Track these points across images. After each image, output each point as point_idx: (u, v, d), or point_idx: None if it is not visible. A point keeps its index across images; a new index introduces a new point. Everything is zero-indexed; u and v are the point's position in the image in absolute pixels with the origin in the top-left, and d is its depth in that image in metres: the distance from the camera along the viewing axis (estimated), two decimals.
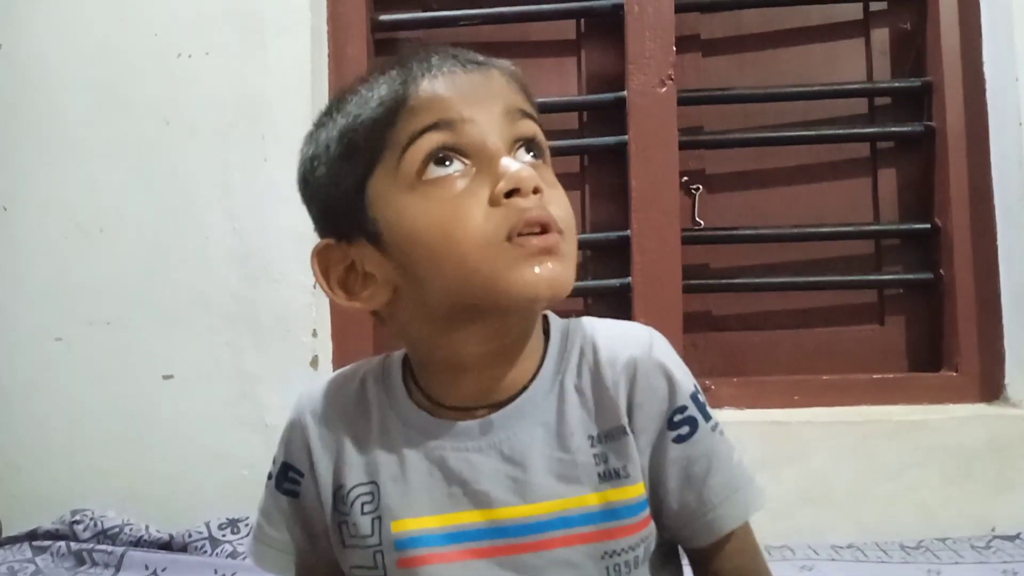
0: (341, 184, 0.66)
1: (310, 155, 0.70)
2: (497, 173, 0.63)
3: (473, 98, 0.65)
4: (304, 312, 1.52)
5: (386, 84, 0.65)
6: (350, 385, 0.77)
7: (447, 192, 0.63)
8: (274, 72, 1.55)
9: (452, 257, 0.62)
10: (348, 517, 0.72)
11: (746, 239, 1.65)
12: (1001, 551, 1.32)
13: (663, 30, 1.57)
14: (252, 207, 1.54)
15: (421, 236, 0.63)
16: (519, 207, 0.62)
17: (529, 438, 0.69)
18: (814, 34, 1.69)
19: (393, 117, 0.64)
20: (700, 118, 1.68)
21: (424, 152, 0.63)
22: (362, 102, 0.66)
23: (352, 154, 0.66)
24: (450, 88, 0.64)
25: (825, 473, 1.44)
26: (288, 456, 0.76)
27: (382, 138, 0.64)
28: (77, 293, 1.56)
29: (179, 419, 1.52)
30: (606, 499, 0.68)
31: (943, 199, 1.58)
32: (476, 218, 0.62)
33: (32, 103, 1.60)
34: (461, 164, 0.64)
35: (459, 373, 0.70)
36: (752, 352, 1.65)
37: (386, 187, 0.64)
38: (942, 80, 1.58)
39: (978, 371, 1.54)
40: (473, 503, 0.69)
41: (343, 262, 0.69)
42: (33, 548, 1.39)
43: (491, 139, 0.64)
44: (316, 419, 0.75)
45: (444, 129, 0.63)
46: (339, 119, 0.67)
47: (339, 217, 0.68)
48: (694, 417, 0.71)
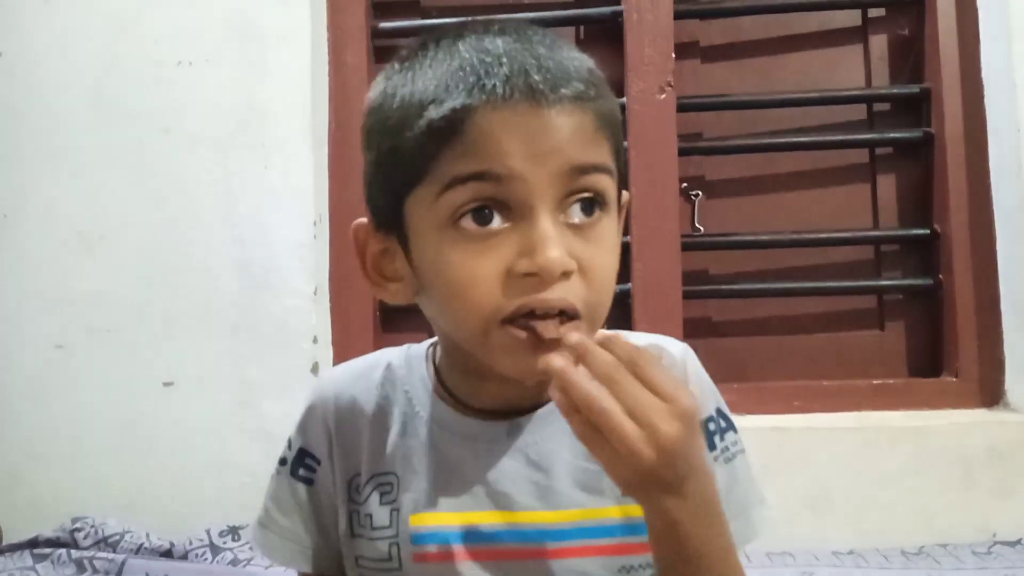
0: (384, 182, 0.64)
1: (375, 108, 0.65)
2: (529, 241, 0.58)
3: (532, 151, 0.58)
4: (304, 319, 1.52)
5: (447, 91, 0.58)
6: (373, 373, 0.75)
7: (475, 247, 0.59)
8: (274, 80, 1.55)
9: (456, 316, 0.62)
10: (361, 507, 0.71)
11: (746, 245, 1.65)
12: (1002, 557, 1.32)
13: (662, 37, 1.58)
14: (252, 215, 1.54)
15: (438, 282, 0.61)
16: (535, 290, 0.58)
17: (556, 445, 0.69)
18: (813, 41, 1.69)
19: (440, 146, 0.58)
20: (699, 124, 1.68)
21: (463, 200, 0.59)
22: (421, 97, 0.60)
23: (396, 162, 0.62)
24: (509, 132, 0.57)
25: (826, 479, 1.44)
26: (306, 442, 0.75)
27: (425, 164, 0.59)
28: (78, 301, 1.56)
29: (180, 426, 1.52)
30: (627, 513, 0.67)
31: (942, 205, 1.58)
32: (490, 287, 0.59)
33: (33, 111, 1.60)
34: (499, 220, 0.59)
35: (482, 380, 0.69)
36: (752, 358, 1.65)
37: (420, 214, 0.61)
38: (940, 86, 1.58)
39: (978, 377, 1.54)
40: (494, 504, 0.68)
41: (379, 245, 0.67)
42: (34, 556, 1.39)
43: (538, 202, 0.59)
44: (338, 405, 0.74)
45: (490, 181, 0.58)
46: (403, 93, 0.61)
47: (379, 207, 0.66)
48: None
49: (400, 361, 0.75)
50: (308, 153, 1.54)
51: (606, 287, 0.63)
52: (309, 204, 1.54)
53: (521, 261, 0.58)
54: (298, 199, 1.53)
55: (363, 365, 0.77)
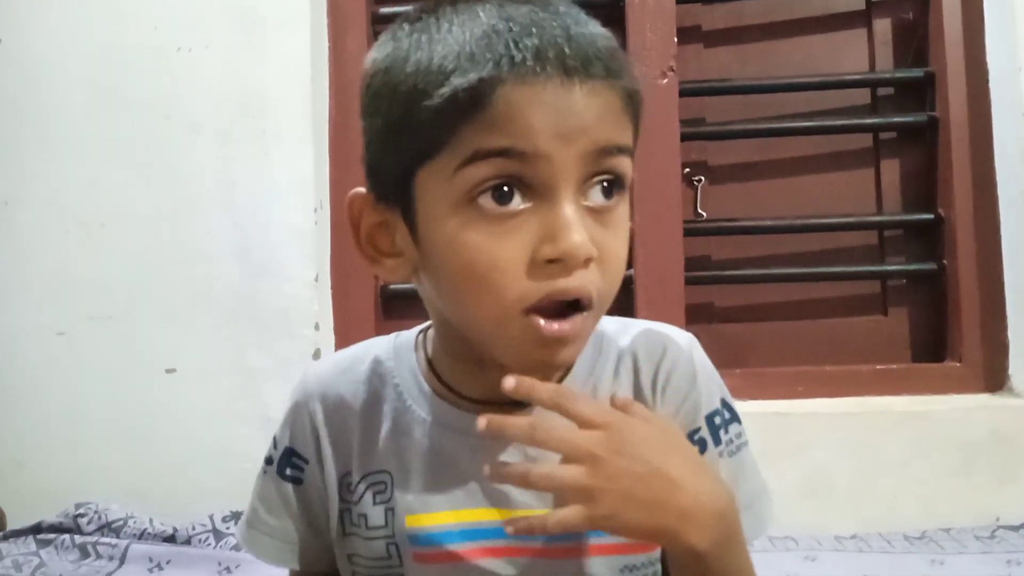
0: (393, 152, 0.59)
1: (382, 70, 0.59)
2: (552, 225, 0.55)
3: (559, 129, 0.54)
4: (306, 306, 1.52)
5: (471, 60, 0.54)
6: (359, 367, 0.72)
7: (495, 229, 0.55)
8: (274, 66, 1.55)
9: (470, 302, 0.58)
10: (355, 506, 0.69)
11: (748, 230, 1.65)
12: (1005, 541, 1.32)
13: (664, 21, 1.57)
14: (253, 201, 1.53)
15: (451, 264, 0.57)
16: (557, 276, 0.56)
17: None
18: (816, 24, 1.68)
19: (462, 117, 0.54)
20: (702, 109, 1.67)
21: (484, 176, 0.55)
22: (441, 61, 0.55)
23: (409, 131, 0.57)
24: (537, 108, 0.54)
25: (828, 464, 1.44)
26: (293, 441, 0.72)
27: (443, 135, 0.55)
28: (79, 288, 1.56)
29: (181, 413, 1.53)
30: None
31: (946, 189, 1.58)
32: (510, 273, 0.56)
33: (32, 98, 1.60)
34: (520, 200, 0.56)
35: (480, 367, 0.64)
36: (755, 343, 1.65)
37: (433, 189, 0.57)
38: (945, 70, 1.57)
39: (981, 362, 1.54)
40: (491, 502, 0.66)
41: (377, 217, 0.62)
42: (37, 541, 1.40)
43: (562, 183, 0.55)
44: (325, 402, 0.71)
45: (514, 158, 0.54)
46: (421, 57, 0.56)
47: (383, 178, 0.61)
48: (704, 440, 0.69)
49: (388, 352, 0.72)
50: (308, 139, 1.54)
51: (619, 275, 0.61)
52: (310, 191, 1.53)
53: (545, 247, 0.55)
54: (299, 186, 1.53)
55: (348, 359, 0.73)
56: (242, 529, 0.76)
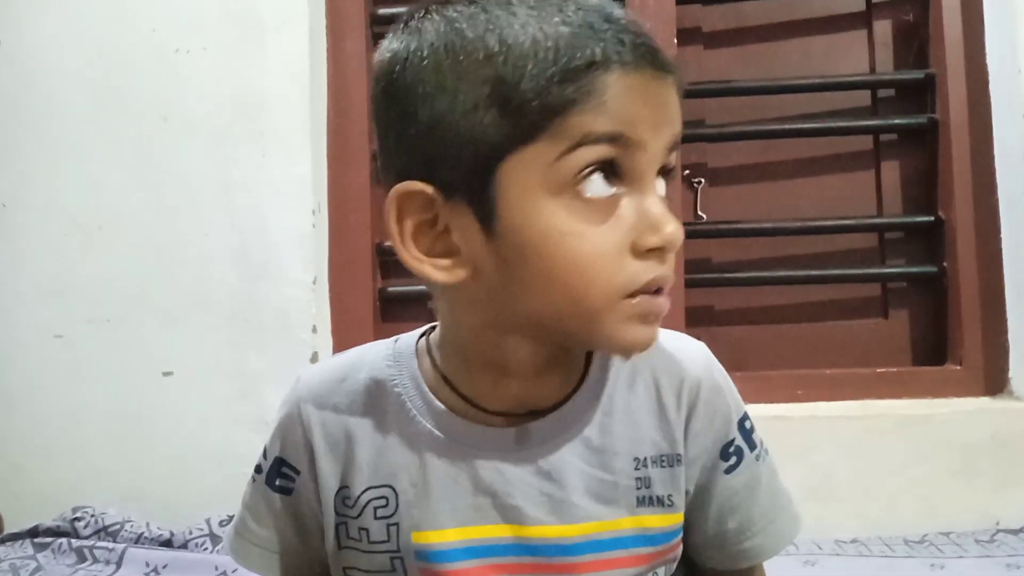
0: (474, 136, 0.54)
1: (418, 51, 0.56)
2: (651, 214, 0.56)
3: (655, 120, 0.56)
4: (304, 309, 1.52)
5: (568, 48, 0.53)
6: (357, 375, 0.68)
7: (596, 217, 0.55)
8: (273, 67, 1.55)
9: (571, 290, 0.55)
10: (354, 520, 0.66)
11: (749, 233, 1.64)
12: (1005, 545, 1.31)
13: (664, 22, 1.57)
14: (251, 203, 1.53)
15: (549, 253, 0.55)
16: (655, 268, 0.56)
17: (568, 453, 0.64)
18: (816, 26, 1.68)
19: (572, 101, 0.53)
20: (702, 111, 1.67)
21: (591, 161, 0.54)
22: (531, 48, 0.53)
23: (505, 111, 0.53)
24: (641, 97, 0.54)
25: (829, 468, 1.43)
26: (283, 451, 0.69)
27: (547, 119, 0.53)
28: (77, 291, 1.56)
29: (179, 416, 1.52)
30: (641, 524, 0.65)
31: (947, 192, 1.57)
32: (614, 262, 0.55)
33: (31, 101, 1.59)
34: (617, 189, 0.55)
35: (502, 376, 0.64)
36: (755, 346, 1.64)
37: (527, 175, 0.54)
38: (945, 72, 1.56)
39: (982, 365, 1.53)
40: (502, 517, 0.64)
41: (424, 214, 0.58)
42: (35, 545, 1.39)
43: (650, 172, 0.56)
44: (320, 414, 0.67)
45: (618, 145, 0.54)
46: (489, 41, 0.54)
47: (450, 165, 0.56)
48: (741, 448, 0.69)
49: (387, 360, 0.68)
50: (307, 141, 1.54)
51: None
52: (308, 192, 1.53)
53: (647, 236, 0.55)
54: (297, 187, 1.53)
55: (344, 367, 0.70)
56: (229, 537, 0.74)
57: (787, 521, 0.73)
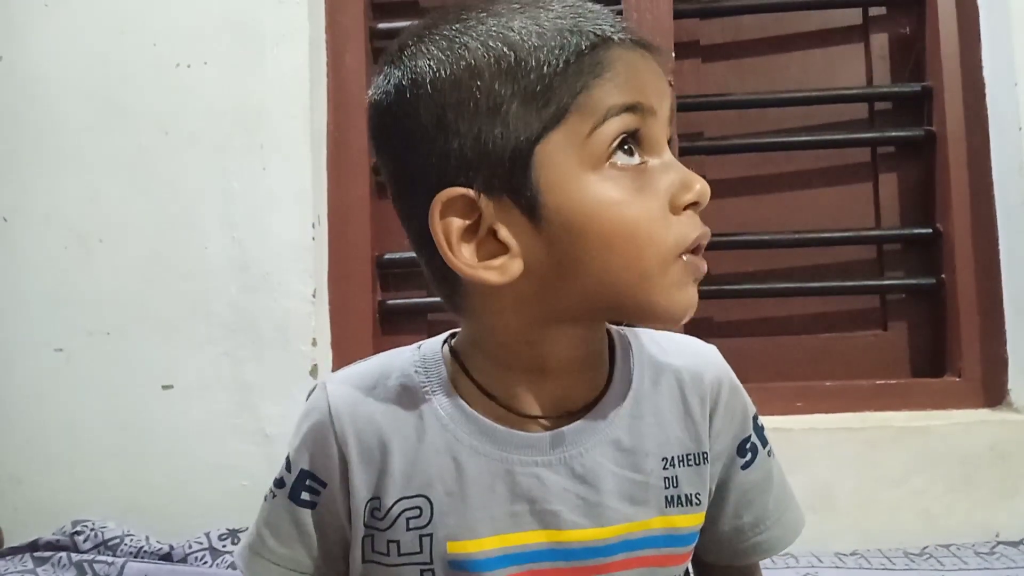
0: (505, 131, 0.56)
1: (433, 69, 0.58)
2: (679, 174, 0.59)
3: (658, 89, 0.59)
4: (303, 321, 1.52)
5: (571, 33, 0.57)
6: (387, 383, 0.67)
7: (634, 184, 0.57)
8: (273, 81, 1.55)
9: (627, 256, 0.57)
10: (382, 533, 0.64)
11: (747, 245, 1.65)
12: (1005, 557, 1.31)
13: (662, 36, 1.57)
14: (251, 216, 1.53)
15: (601, 225, 0.56)
16: (697, 224, 0.60)
17: (601, 456, 0.64)
18: (813, 39, 1.69)
19: (591, 76, 0.56)
20: (700, 124, 1.67)
21: (618, 132, 0.56)
22: (539, 40, 0.56)
23: (530, 101, 0.56)
24: (644, 68, 0.58)
25: (828, 480, 1.43)
26: (312, 464, 0.66)
27: (572, 98, 0.56)
28: (77, 304, 1.56)
29: (179, 429, 1.52)
30: (671, 524, 0.66)
31: (944, 203, 1.57)
32: (661, 222, 0.58)
33: (32, 114, 1.60)
34: (642, 157, 0.58)
35: (538, 376, 0.64)
36: (754, 358, 1.64)
37: (563, 156, 0.56)
38: (942, 85, 1.57)
39: (981, 376, 1.53)
40: (539, 523, 0.64)
41: (468, 217, 0.58)
42: (34, 559, 1.38)
43: (663, 137, 0.60)
44: (355, 423, 0.65)
45: (638, 114, 0.57)
46: (496, 45, 0.57)
47: (487, 166, 0.57)
48: (756, 444, 0.72)
49: (415, 367, 0.67)
50: (307, 154, 1.54)
51: None
52: (308, 205, 1.53)
53: (682, 194, 0.58)
54: (297, 200, 1.53)
55: (373, 374, 0.68)
56: (243, 555, 0.70)
57: (795, 513, 0.75)
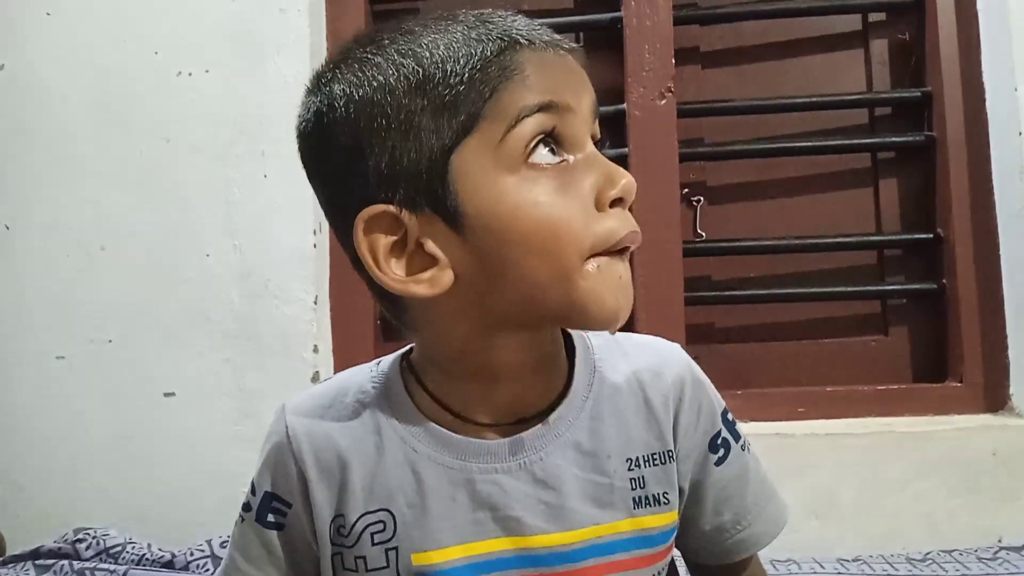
0: (419, 144, 0.56)
1: (347, 93, 0.58)
2: (603, 169, 0.59)
3: (573, 86, 0.59)
4: (305, 328, 1.52)
5: (478, 42, 0.57)
6: (344, 399, 0.68)
7: (554, 183, 0.57)
8: (273, 89, 1.55)
9: (553, 257, 0.56)
10: (349, 550, 0.65)
11: (748, 251, 1.65)
12: (1008, 562, 1.31)
13: (662, 42, 1.57)
14: (252, 224, 1.54)
15: (522, 227, 0.56)
16: (626, 221, 0.59)
17: (562, 459, 0.64)
18: (813, 45, 1.69)
19: (498, 84, 0.56)
20: (700, 130, 1.68)
21: (534, 133, 0.56)
22: (446, 52, 0.57)
23: (440, 112, 0.56)
24: (556, 67, 0.59)
25: (830, 485, 1.43)
26: (274, 486, 0.67)
27: (482, 105, 0.56)
28: (79, 312, 1.56)
29: (181, 437, 1.52)
30: (640, 525, 0.66)
31: (945, 209, 1.58)
32: (585, 218, 0.57)
33: (34, 123, 1.60)
34: (563, 156, 0.58)
35: (490, 383, 0.64)
36: (755, 364, 1.64)
37: (480, 162, 0.56)
38: (942, 90, 1.57)
39: (982, 381, 1.53)
40: (503, 530, 0.64)
41: (394, 234, 0.58)
42: (36, 567, 1.38)
43: (585, 135, 0.60)
44: (312, 442, 0.66)
45: (553, 113, 0.57)
46: (406, 62, 0.57)
47: (405, 181, 0.57)
48: (727, 439, 0.71)
49: (372, 383, 0.68)
50: None
51: None
52: (309, 213, 1.53)
53: (607, 190, 0.58)
54: (297, 208, 1.53)
55: (329, 393, 0.69)
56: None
57: (777, 507, 0.74)
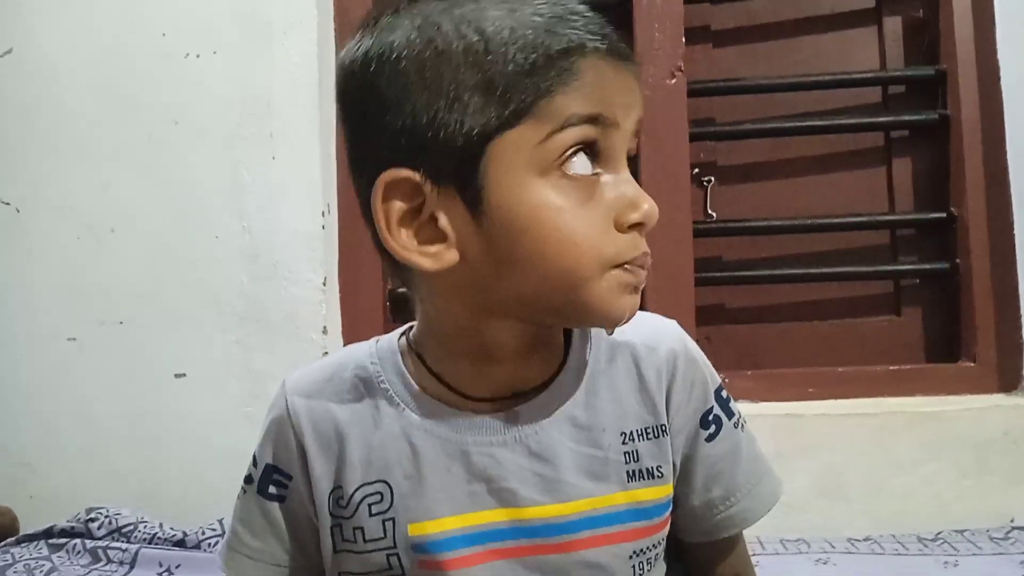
0: (461, 119, 0.56)
1: (403, 45, 0.57)
2: (630, 192, 0.59)
3: (625, 102, 0.59)
4: (314, 309, 1.52)
5: (547, 34, 0.56)
6: (343, 374, 0.69)
7: (581, 195, 0.57)
8: (281, 70, 1.55)
9: (564, 263, 0.57)
10: (348, 521, 0.66)
11: (759, 231, 1.64)
12: (1020, 542, 1.30)
13: (672, 21, 1.56)
14: (261, 205, 1.53)
15: (539, 229, 0.56)
16: (638, 245, 0.60)
17: (557, 433, 0.65)
18: (826, 23, 1.67)
19: (556, 83, 0.55)
20: (711, 110, 1.66)
21: (575, 142, 0.56)
22: (510, 36, 0.55)
23: (491, 93, 0.55)
24: (615, 80, 0.58)
25: (841, 466, 1.43)
26: (275, 458, 0.69)
27: (534, 101, 0.55)
28: (89, 294, 1.57)
29: (191, 417, 1.53)
30: (635, 498, 0.66)
31: (959, 188, 1.56)
32: (602, 235, 0.58)
33: (42, 106, 1.60)
34: (596, 169, 0.58)
35: (487, 362, 0.65)
36: (766, 344, 1.64)
37: (515, 156, 0.56)
38: (956, 68, 1.56)
39: (995, 361, 1.52)
40: (498, 501, 0.65)
41: (410, 201, 0.58)
42: (49, 545, 1.40)
43: (622, 152, 0.60)
44: (310, 415, 0.68)
45: (599, 125, 0.57)
46: (469, 33, 0.56)
47: (436, 151, 0.56)
48: (719, 416, 0.71)
49: (371, 358, 0.70)
50: (316, 143, 1.54)
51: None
52: (317, 194, 1.53)
53: (629, 212, 0.59)
54: (306, 189, 1.53)
55: (329, 367, 0.71)
56: (223, 552, 0.74)
57: (770, 483, 0.74)
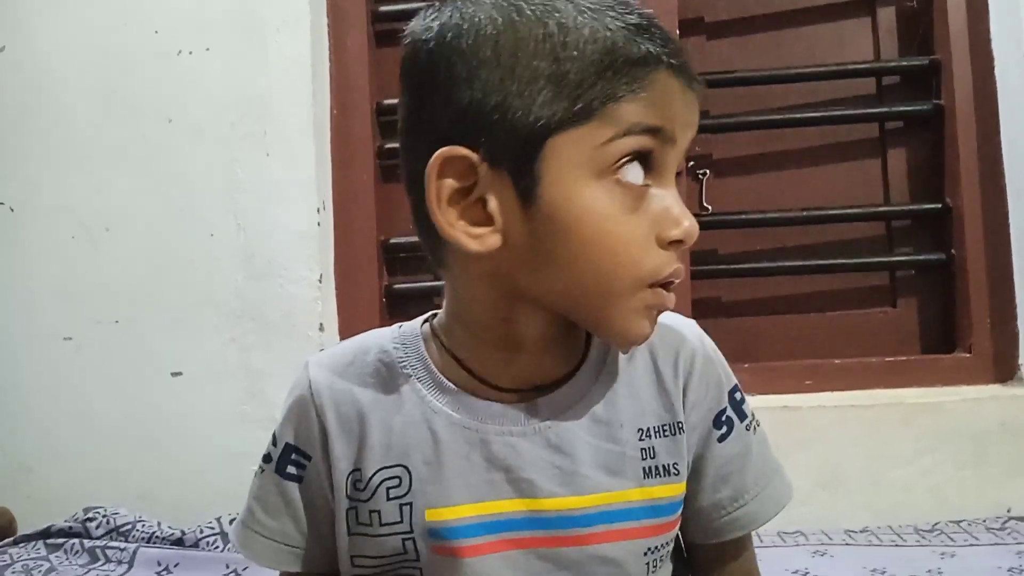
0: (528, 106, 0.56)
1: (483, 22, 0.57)
2: (674, 208, 0.59)
3: (686, 120, 0.59)
4: (310, 307, 1.52)
5: (625, 41, 0.56)
6: (366, 358, 0.69)
7: (630, 204, 0.57)
8: (275, 67, 1.55)
9: (600, 271, 0.58)
10: (364, 504, 0.66)
11: (755, 223, 1.64)
12: (1017, 532, 1.31)
13: (666, 13, 1.56)
14: (256, 204, 1.54)
15: (586, 230, 0.57)
16: (673, 261, 0.60)
17: (576, 426, 0.65)
18: (820, 14, 1.67)
19: (627, 89, 0.55)
20: (705, 102, 1.63)
21: (633, 149, 0.56)
22: (590, 34, 0.56)
23: (561, 86, 0.55)
24: (680, 98, 0.58)
25: (838, 457, 1.43)
26: (295, 438, 0.69)
27: (603, 103, 0.55)
28: (85, 293, 1.57)
29: (188, 416, 1.53)
30: (650, 495, 0.66)
31: (953, 178, 1.56)
32: (643, 249, 0.58)
33: (36, 105, 1.60)
34: (647, 180, 0.58)
35: (512, 351, 0.65)
36: (763, 337, 1.64)
37: (574, 155, 0.56)
38: (950, 58, 1.56)
39: (991, 352, 1.53)
40: (515, 491, 0.64)
41: (463, 181, 0.58)
42: (47, 546, 1.40)
43: (674, 168, 0.60)
44: (331, 395, 0.67)
45: (659, 138, 0.57)
46: (550, 23, 0.56)
47: (498, 134, 0.56)
48: (732, 417, 0.71)
49: (393, 343, 0.69)
50: (310, 140, 1.54)
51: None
52: (312, 191, 1.53)
53: (671, 228, 0.58)
54: (301, 186, 1.53)
55: (352, 350, 0.71)
56: (237, 530, 0.73)
57: (779, 487, 0.74)
